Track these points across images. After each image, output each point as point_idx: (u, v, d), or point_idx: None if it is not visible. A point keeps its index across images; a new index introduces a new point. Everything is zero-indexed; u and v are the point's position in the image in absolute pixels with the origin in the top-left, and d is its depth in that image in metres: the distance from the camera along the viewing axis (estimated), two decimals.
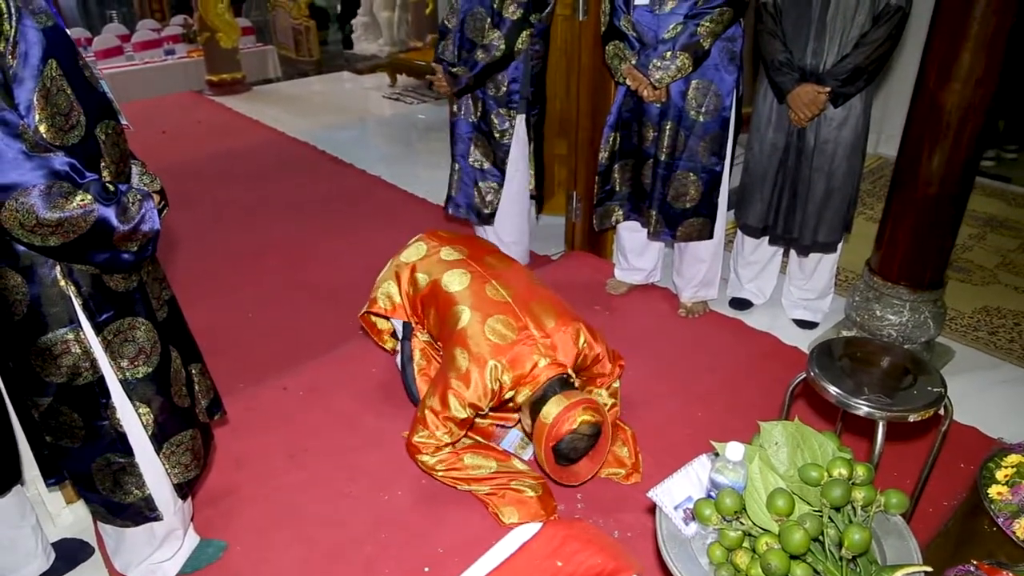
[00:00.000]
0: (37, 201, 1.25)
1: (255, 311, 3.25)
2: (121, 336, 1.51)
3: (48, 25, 1.32)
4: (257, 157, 5.56)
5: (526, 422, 2.12)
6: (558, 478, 2.11)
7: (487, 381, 2.04)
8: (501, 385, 2.06)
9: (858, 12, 2.48)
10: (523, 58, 2.95)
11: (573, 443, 2.03)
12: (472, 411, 2.07)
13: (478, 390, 2.04)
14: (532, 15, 2.89)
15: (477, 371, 2.04)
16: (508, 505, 2.09)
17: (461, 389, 2.05)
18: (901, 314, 2.64)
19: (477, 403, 2.05)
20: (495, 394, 2.06)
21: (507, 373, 2.05)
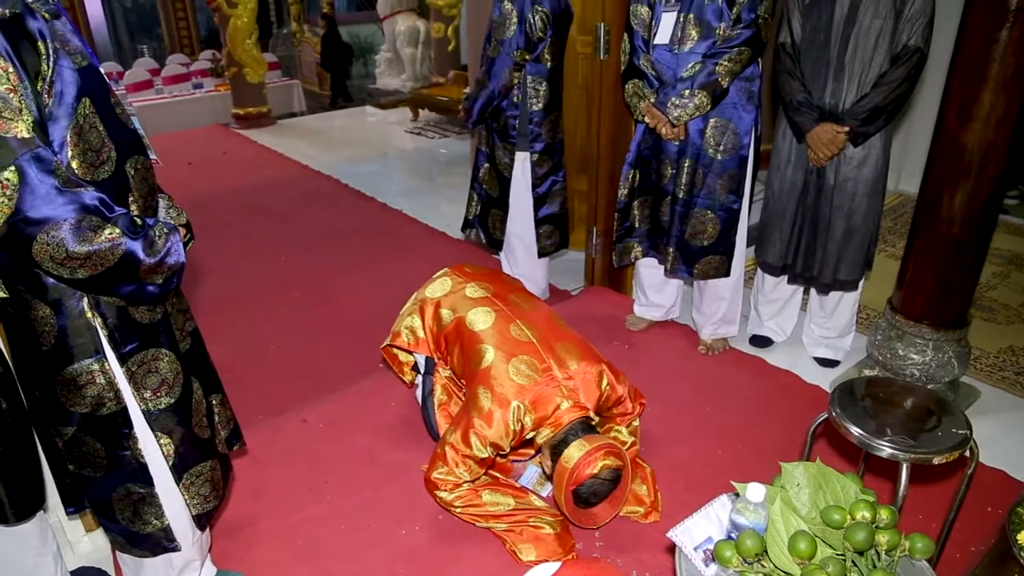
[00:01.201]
0: (67, 235, 1.27)
1: (277, 343, 3.28)
2: (145, 367, 1.53)
3: (83, 65, 1.37)
4: (281, 190, 5.65)
5: (546, 463, 2.11)
6: (577, 521, 2.10)
7: (509, 422, 2.04)
8: (523, 426, 2.06)
9: (876, 52, 2.50)
10: (518, 95, 3.06)
11: (593, 488, 2.02)
12: (493, 451, 2.07)
13: (500, 430, 2.04)
14: (516, 52, 3.02)
15: (500, 411, 2.04)
16: (526, 542, 2.07)
17: (483, 429, 2.04)
18: (924, 353, 2.61)
19: (499, 443, 2.05)
20: (517, 435, 2.06)
21: (529, 415, 2.05)
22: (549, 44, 3.07)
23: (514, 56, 3.02)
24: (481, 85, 3.13)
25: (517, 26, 2.97)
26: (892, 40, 2.48)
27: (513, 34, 2.99)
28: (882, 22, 2.47)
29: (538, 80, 3.09)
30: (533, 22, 2.97)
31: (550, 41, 3.07)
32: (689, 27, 2.61)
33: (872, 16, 2.48)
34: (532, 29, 2.98)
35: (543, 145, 3.20)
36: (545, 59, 3.08)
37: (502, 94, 3.09)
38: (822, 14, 2.56)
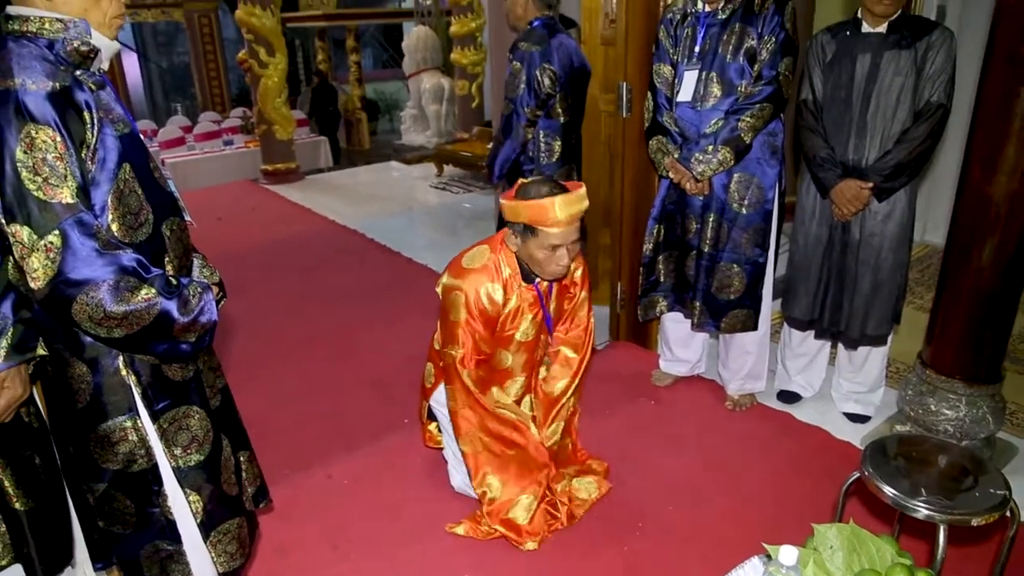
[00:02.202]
0: (106, 296, 1.31)
1: (302, 397, 3.29)
2: (176, 424, 1.55)
3: (124, 132, 1.43)
4: (308, 245, 5.74)
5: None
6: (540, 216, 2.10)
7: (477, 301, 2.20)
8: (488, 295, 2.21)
9: (899, 109, 2.52)
10: (532, 150, 3.13)
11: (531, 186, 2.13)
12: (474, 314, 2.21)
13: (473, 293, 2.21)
14: (526, 109, 3.13)
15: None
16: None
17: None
18: (958, 409, 2.56)
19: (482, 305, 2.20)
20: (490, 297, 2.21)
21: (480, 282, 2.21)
22: (560, 100, 3.16)
23: (525, 113, 3.12)
24: (497, 142, 3.22)
25: (525, 84, 3.07)
26: (914, 97, 2.50)
27: (522, 92, 3.09)
28: (903, 79, 2.50)
29: (550, 135, 3.18)
30: (541, 80, 3.08)
31: (560, 97, 3.15)
32: (711, 85, 2.66)
33: (893, 73, 2.51)
34: (540, 87, 3.08)
35: None
36: (557, 113, 3.17)
37: (519, 150, 3.17)
38: (842, 72, 2.59)
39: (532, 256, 2.13)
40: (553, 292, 2.36)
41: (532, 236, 2.10)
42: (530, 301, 2.30)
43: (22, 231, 1.27)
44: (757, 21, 2.60)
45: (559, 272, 2.17)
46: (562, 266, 2.13)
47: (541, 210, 2.04)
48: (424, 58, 9.98)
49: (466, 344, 2.21)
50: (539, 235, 2.08)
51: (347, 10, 12.21)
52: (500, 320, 2.26)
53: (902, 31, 2.51)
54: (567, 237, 2.09)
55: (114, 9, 1.44)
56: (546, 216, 2.04)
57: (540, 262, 2.13)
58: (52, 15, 1.36)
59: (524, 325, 2.31)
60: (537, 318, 2.33)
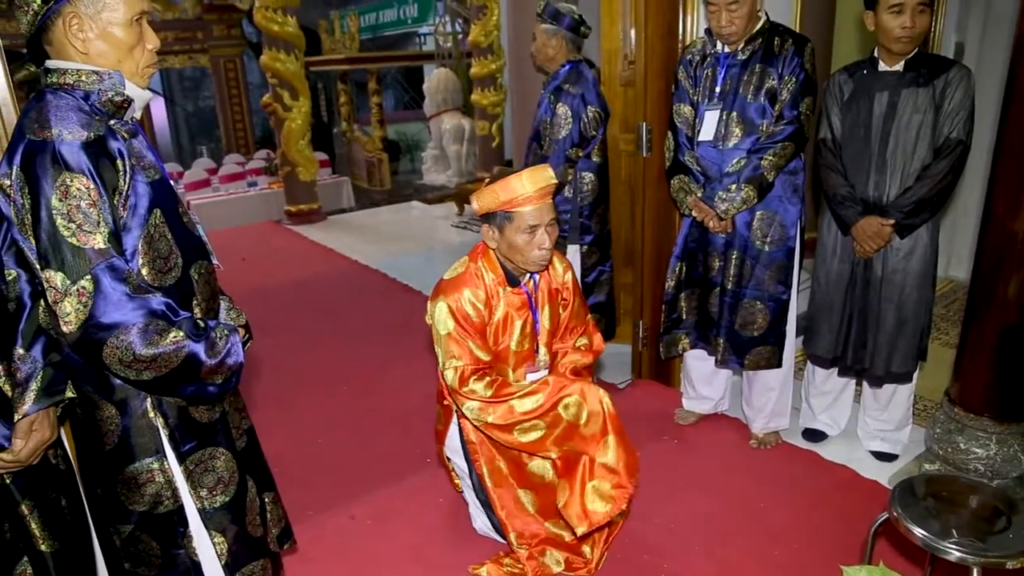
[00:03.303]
0: (135, 339, 1.34)
1: (325, 437, 3.30)
2: (202, 466, 1.56)
3: (155, 179, 1.47)
4: (330, 284, 5.80)
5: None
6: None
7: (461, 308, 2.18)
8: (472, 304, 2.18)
9: (918, 146, 2.52)
10: (570, 190, 3.18)
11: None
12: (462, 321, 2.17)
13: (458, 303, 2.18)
14: (570, 150, 3.18)
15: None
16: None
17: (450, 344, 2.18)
18: (988, 447, 2.52)
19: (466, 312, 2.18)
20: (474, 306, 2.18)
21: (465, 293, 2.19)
22: (600, 141, 3.22)
23: (568, 153, 3.16)
24: None
25: (572, 124, 3.12)
26: (933, 133, 2.51)
27: (568, 133, 3.15)
28: (922, 116, 2.50)
29: (589, 175, 3.23)
30: (588, 120, 3.13)
31: (600, 138, 3.22)
32: (732, 124, 2.68)
33: (912, 111, 2.52)
34: (587, 127, 3.14)
35: (592, 237, 3.31)
36: (596, 154, 3.23)
37: (556, 191, 3.20)
38: (860, 110, 2.60)
39: (512, 245, 2.12)
40: (543, 295, 2.31)
41: (508, 222, 2.09)
42: (517, 306, 2.25)
43: (56, 276, 1.31)
44: (777, 62, 2.63)
45: (542, 257, 2.14)
46: (544, 249, 2.11)
47: (510, 186, 2.04)
48: (445, 99, 10.13)
49: (463, 354, 2.16)
50: (514, 218, 2.08)
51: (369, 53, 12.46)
52: (491, 331, 2.22)
53: (919, 69, 2.52)
54: (542, 216, 2.09)
55: (146, 59, 1.49)
56: (516, 191, 2.04)
57: (521, 248, 2.11)
58: (88, 67, 1.41)
59: (516, 334, 2.26)
60: (527, 322, 2.28)
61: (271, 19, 7.57)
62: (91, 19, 1.39)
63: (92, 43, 1.40)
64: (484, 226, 2.17)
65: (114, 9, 1.40)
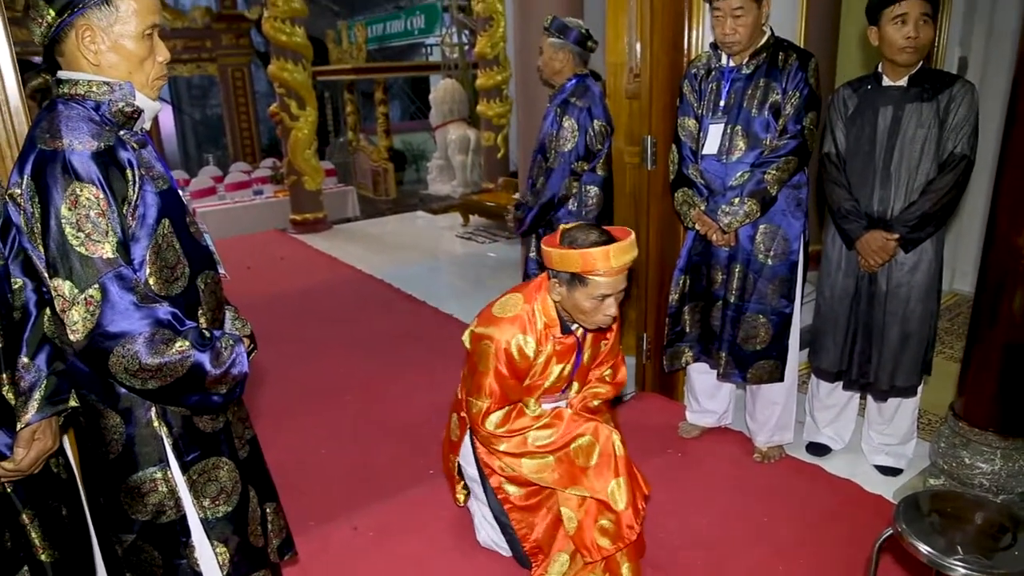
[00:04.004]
0: (141, 348, 1.34)
1: (328, 447, 3.30)
2: (205, 476, 1.56)
3: (164, 188, 1.48)
4: (335, 294, 5.81)
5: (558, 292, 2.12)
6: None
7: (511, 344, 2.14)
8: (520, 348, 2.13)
9: (923, 160, 2.52)
10: (575, 203, 3.17)
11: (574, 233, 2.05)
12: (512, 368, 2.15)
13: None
14: (576, 163, 3.18)
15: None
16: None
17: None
18: (993, 462, 2.50)
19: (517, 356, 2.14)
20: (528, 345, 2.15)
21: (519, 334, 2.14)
22: (605, 154, 3.23)
23: (574, 166, 3.17)
24: (538, 195, 3.25)
25: (579, 138, 3.14)
26: (938, 148, 2.51)
27: (573, 146, 3.16)
28: (926, 131, 2.51)
29: (594, 189, 3.24)
30: (594, 133, 3.15)
31: (605, 152, 3.23)
32: (736, 138, 2.69)
33: (916, 126, 2.52)
34: (592, 141, 3.15)
35: None
36: (601, 167, 3.24)
37: (560, 203, 3.22)
38: (865, 124, 2.61)
39: (578, 306, 2.06)
40: (588, 339, 2.29)
41: (580, 285, 2.01)
42: (563, 351, 2.22)
43: (64, 285, 1.32)
44: (781, 76, 2.64)
45: (605, 322, 2.10)
46: (609, 315, 2.06)
47: (593, 259, 1.95)
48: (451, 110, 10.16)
49: (493, 395, 2.15)
50: (588, 284, 2.00)
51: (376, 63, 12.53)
52: (531, 371, 2.19)
53: (923, 84, 2.53)
54: (617, 286, 2.02)
55: (156, 71, 1.51)
56: (598, 265, 1.95)
57: (586, 312, 2.05)
58: (99, 79, 1.42)
59: (554, 376, 2.24)
60: (568, 366, 2.26)
61: (279, 29, 7.61)
62: (103, 31, 1.40)
63: (104, 55, 1.42)
64: (552, 280, 2.11)
65: (126, 22, 1.41)
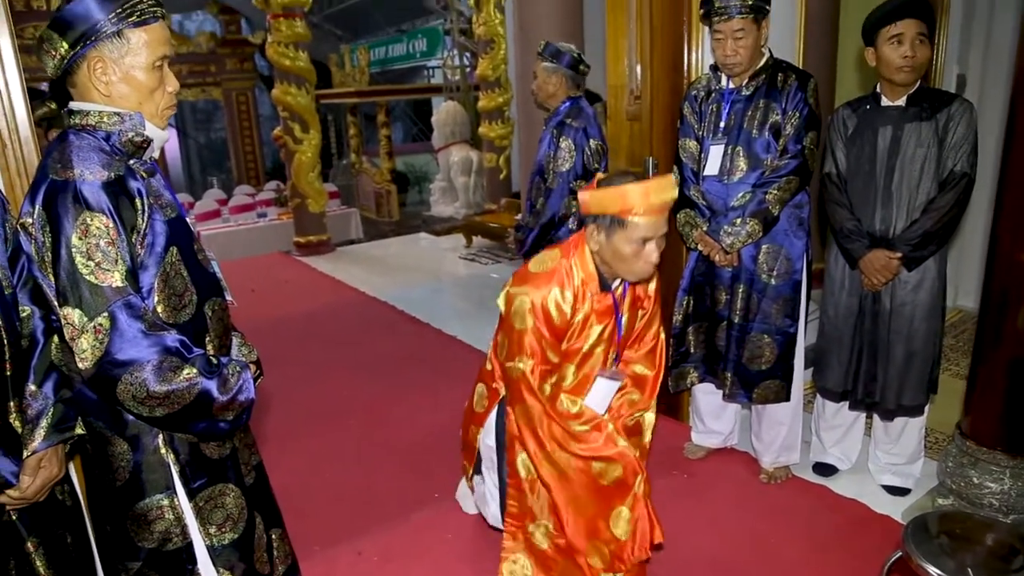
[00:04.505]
0: (149, 376, 1.35)
1: (332, 470, 3.29)
2: (212, 503, 1.56)
3: (172, 216, 1.50)
4: (338, 316, 5.81)
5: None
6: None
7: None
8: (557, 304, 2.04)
9: (923, 179, 2.54)
10: (575, 222, 3.24)
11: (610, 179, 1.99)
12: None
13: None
14: (574, 183, 3.23)
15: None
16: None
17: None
18: (1002, 482, 2.49)
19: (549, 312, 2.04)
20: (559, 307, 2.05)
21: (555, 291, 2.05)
22: (601, 173, 3.27)
23: (572, 185, 3.23)
24: (538, 216, 3.28)
25: (576, 157, 3.19)
26: (938, 166, 2.52)
27: (571, 166, 3.21)
28: (926, 150, 2.52)
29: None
30: (591, 152, 3.20)
31: (603, 171, 3.26)
32: (738, 159, 2.71)
33: (916, 145, 2.54)
34: (590, 160, 3.19)
35: None
36: None
37: (560, 223, 3.25)
38: (865, 144, 2.63)
39: (617, 252, 1.95)
40: (627, 301, 2.18)
41: (620, 229, 1.92)
42: (601, 310, 2.11)
43: (73, 313, 1.33)
44: (781, 97, 2.66)
45: (646, 271, 2.01)
46: (651, 263, 1.97)
47: (631, 196, 1.87)
48: (453, 132, 10.24)
49: (535, 353, 2.03)
50: (628, 227, 1.90)
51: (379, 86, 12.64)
52: (569, 330, 2.09)
53: (921, 103, 2.54)
54: (658, 229, 1.93)
55: (166, 101, 1.53)
56: (637, 202, 1.87)
57: (627, 259, 1.95)
58: (110, 109, 1.45)
59: (593, 338, 2.12)
60: (608, 328, 2.14)
61: (283, 54, 7.69)
62: (115, 63, 1.43)
63: (115, 86, 1.44)
64: (590, 226, 2.00)
65: (137, 54, 1.44)
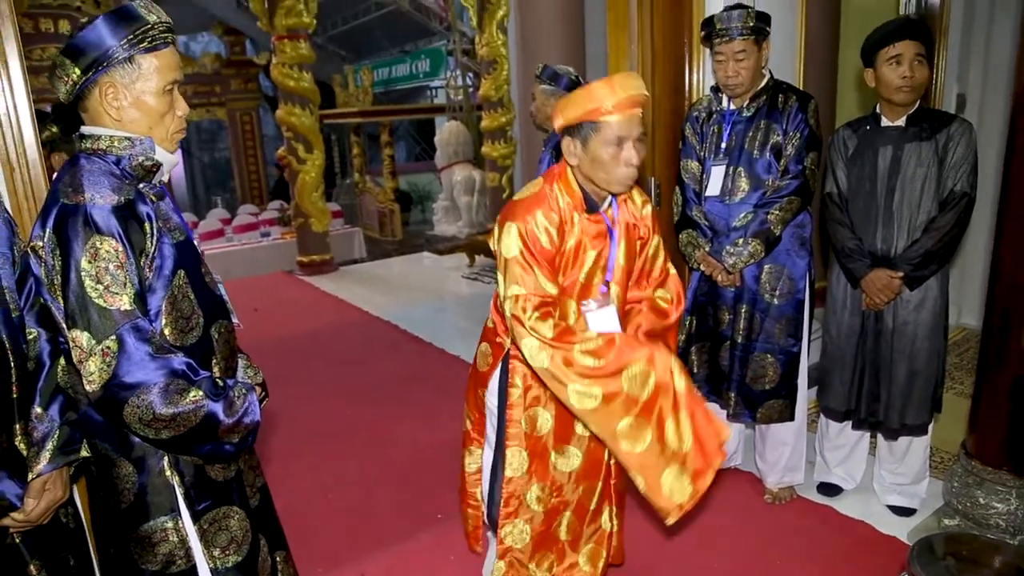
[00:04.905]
0: (156, 398, 1.36)
1: (335, 491, 3.29)
2: (216, 525, 1.56)
3: (180, 240, 1.51)
4: (341, 336, 5.82)
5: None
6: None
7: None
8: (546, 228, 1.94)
9: (923, 198, 2.55)
10: None
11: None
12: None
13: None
14: None
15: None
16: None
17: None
18: (1008, 502, 2.48)
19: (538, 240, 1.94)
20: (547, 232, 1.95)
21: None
22: None
23: None
24: None
25: None
26: (938, 186, 2.54)
27: None
28: (926, 170, 2.54)
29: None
30: None
31: None
32: (739, 179, 2.72)
33: (916, 164, 2.55)
34: None
35: None
36: None
37: None
38: (865, 164, 2.64)
39: (596, 159, 1.91)
40: (621, 223, 2.09)
41: (594, 133, 1.88)
42: (593, 234, 2.03)
43: (82, 336, 1.34)
44: (781, 118, 2.68)
45: (628, 175, 1.93)
46: (632, 166, 1.91)
47: (598, 92, 1.85)
48: (456, 151, 10.28)
49: (526, 282, 1.93)
50: (601, 128, 1.87)
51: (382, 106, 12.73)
52: (561, 260, 2.01)
53: (921, 124, 2.56)
54: (631, 127, 1.89)
55: (176, 125, 1.55)
56: (605, 97, 1.84)
57: (606, 164, 1.90)
58: (121, 134, 1.47)
59: (588, 265, 2.04)
60: (603, 254, 2.06)
61: (287, 75, 7.76)
62: (126, 88, 1.45)
63: (126, 110, 1.46)
64: (566, 139, 1.96)
65: (148, 79, 1.46)
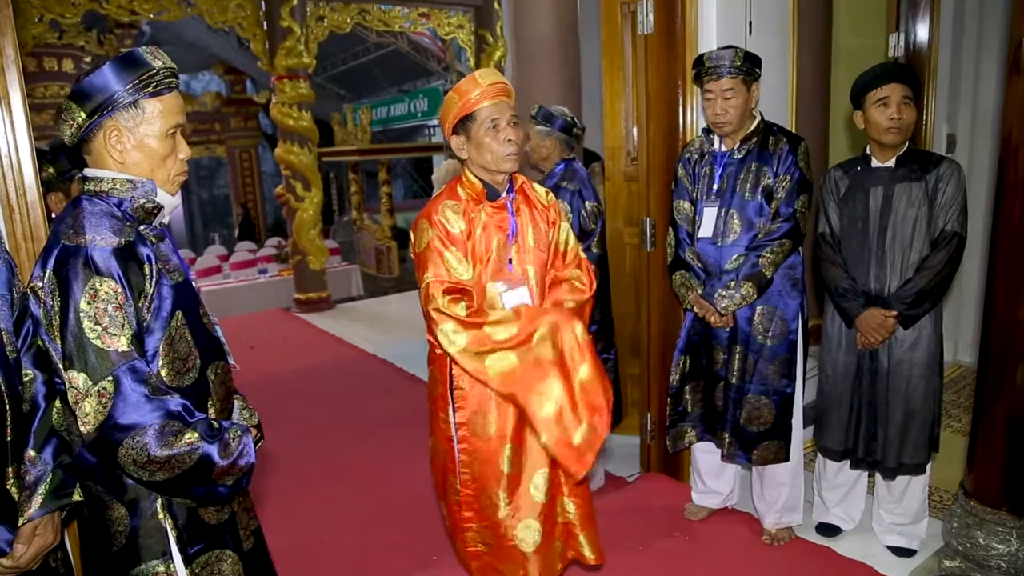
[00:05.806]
0: (151, 440, 1.36)
1: (330, 532, 3.25)
2: (208, 568, 1.55)
3: (179, 281, 1.53)
4: (337, 373, 5.81)
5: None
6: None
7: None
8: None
9: (915, 238, 2.58)
10: None
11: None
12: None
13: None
14: None
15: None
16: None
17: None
18: (1009, 543, 2.45)
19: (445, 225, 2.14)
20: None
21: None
22: (600, 234, 3.28)
23: None
24: None
25: (573, 219, 3.18)
26: (929, 226, 2.56)
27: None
28: (916, 210, 2.57)
29: (592, 267, 3.28)
30: (587, 214, 3.19)
31: (600, 231, 3.28)
32: (731, 221, 2.75)
33: (907, 205, 2.58)
34: (586, 221, 3.20)
35: (596, 327, 3.31)
36: (596, 246, 3.28)
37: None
38: (857, 205, 2.67)
39: (480, 144, 2.14)
40: (524, 212, 2.28)
41: (472, 122, 2.13)
42: (498, 220, 2.22)
43: (78, 377, 1.35)
44: (772, 160, 2.71)
45: (510, 152, 2.14)
46: (511, 141, 2.13)
47: (463, 87, 2.11)
48: None
49: (438, 269, 2.11)
50: (476, 116, 2.12)
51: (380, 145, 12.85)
52: (472, 245, 2.18)
53: (910, 165, 2.60)
54: (502, 110, 2.13)
55: (177, 168, 1.57)
56: (471, 89, 2.10)
57: (488, 146, 2.12)
58: (123, 176, 1.49)
59: (495, 249, 2.22)
60: (508, 236, 2.23)
61: (287, 114, 7.84)
62: (129, 131, 1.48)
63: (129, 153, 1.49)
64: (454, 139, 2.20)
65: (152, 123, 1.49)
